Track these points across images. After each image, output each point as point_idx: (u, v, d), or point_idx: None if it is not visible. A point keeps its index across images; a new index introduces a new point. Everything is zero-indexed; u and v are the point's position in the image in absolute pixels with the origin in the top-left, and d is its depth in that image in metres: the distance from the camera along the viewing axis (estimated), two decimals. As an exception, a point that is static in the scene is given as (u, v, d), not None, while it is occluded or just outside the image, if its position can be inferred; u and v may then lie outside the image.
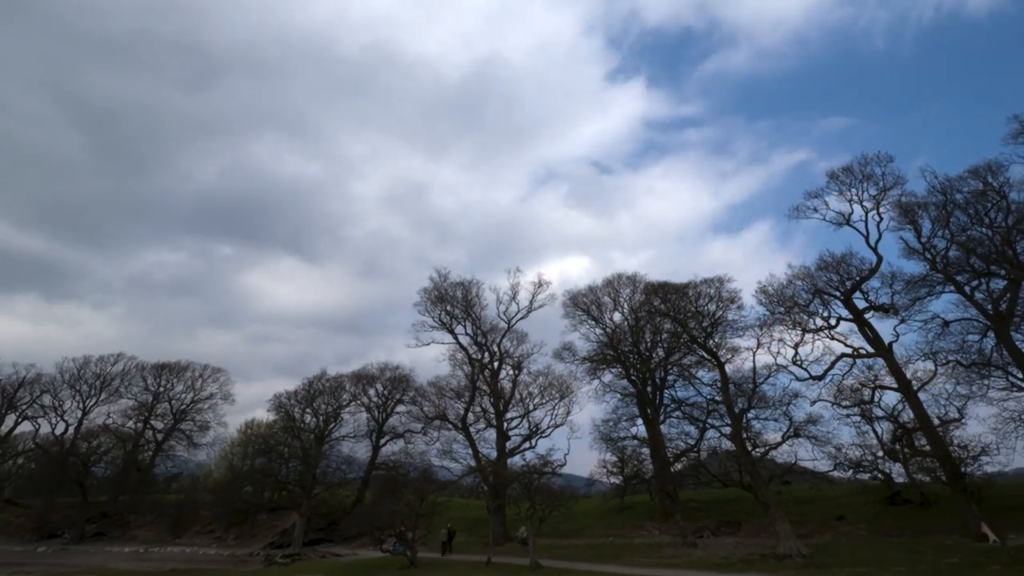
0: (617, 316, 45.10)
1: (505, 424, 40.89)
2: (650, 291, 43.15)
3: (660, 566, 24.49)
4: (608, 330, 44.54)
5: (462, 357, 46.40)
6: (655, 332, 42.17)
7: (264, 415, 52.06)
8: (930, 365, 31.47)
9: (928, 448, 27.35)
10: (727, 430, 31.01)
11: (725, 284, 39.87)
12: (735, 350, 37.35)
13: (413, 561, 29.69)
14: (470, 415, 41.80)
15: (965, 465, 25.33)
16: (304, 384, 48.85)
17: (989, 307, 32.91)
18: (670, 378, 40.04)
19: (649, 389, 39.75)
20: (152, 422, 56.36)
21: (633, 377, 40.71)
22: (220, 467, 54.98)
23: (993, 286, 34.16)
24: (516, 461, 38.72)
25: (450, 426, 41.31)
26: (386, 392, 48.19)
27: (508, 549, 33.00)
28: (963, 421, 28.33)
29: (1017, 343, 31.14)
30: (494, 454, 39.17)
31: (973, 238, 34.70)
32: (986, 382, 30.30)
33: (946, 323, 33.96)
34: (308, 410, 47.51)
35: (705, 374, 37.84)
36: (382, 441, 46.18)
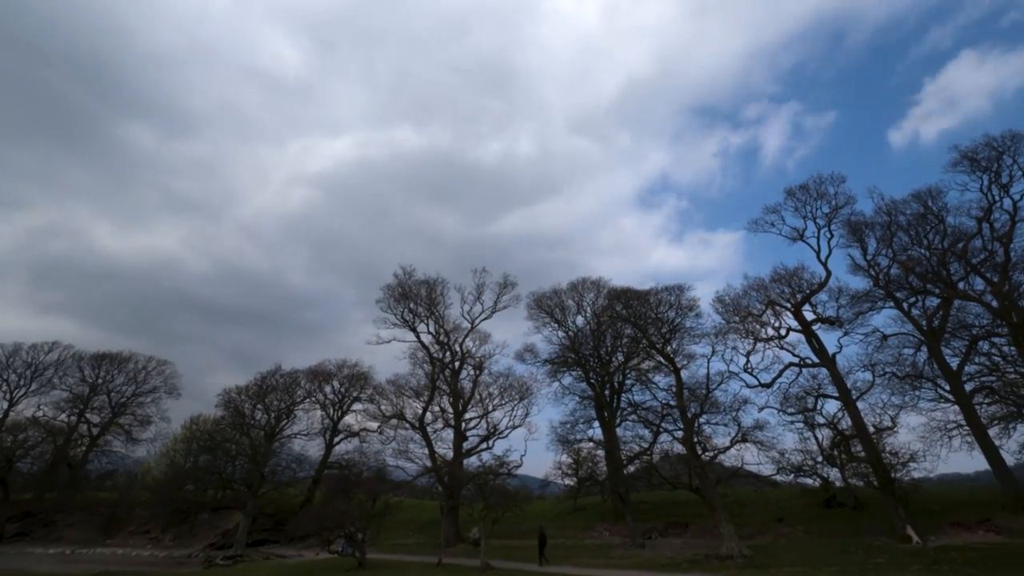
0: (580, 320, 45.58)
1: (463, 424, 40.51)
2: (613, 296, 43.83)
3: (609, 567, 24.74)
4: (571, 333, 44.93)
5: (423, 356, 45.81)
6: (616, 337, 42.76)
7: (212, 411, 49.55)
8: (869, 376, 33.31)
9: (863, 454, 28.80)
10: (680, 434, 31.77)
11: (685, 292, 40.86)
12: (691, 356, 38.37)
13: (361, 563, 28.91)
14: (428, 414, 41.20)
15: (895, 471, 26.83)
16: (256, 379, 46.99)
17: (924, 323, 35.12)
18: (628, 382, 40.65)
19: (607, 392, 40.24)
20: (88, 415, 52.74)
21: (592, 380, 41.14)
22: (160, 464, 51.95)
23: (928, 304, 36.51)
24: (472, 462, 38.42)
25: (407, 425, 40.54)
26: (343, 389, 46.90)
27: (460, 550, 32.58)
28: (895, 429, 30.05)
29: (947, 358, 33.40)
30: (451, 454, 38.68)
31: (913, 258, 36.91)
32: (917, 393, 32.41)
33: (885, 337, 36.04)
34: (259, 406, 45.65)
35: (662, 379, 38.77)
36: (336, 439, 44.89)
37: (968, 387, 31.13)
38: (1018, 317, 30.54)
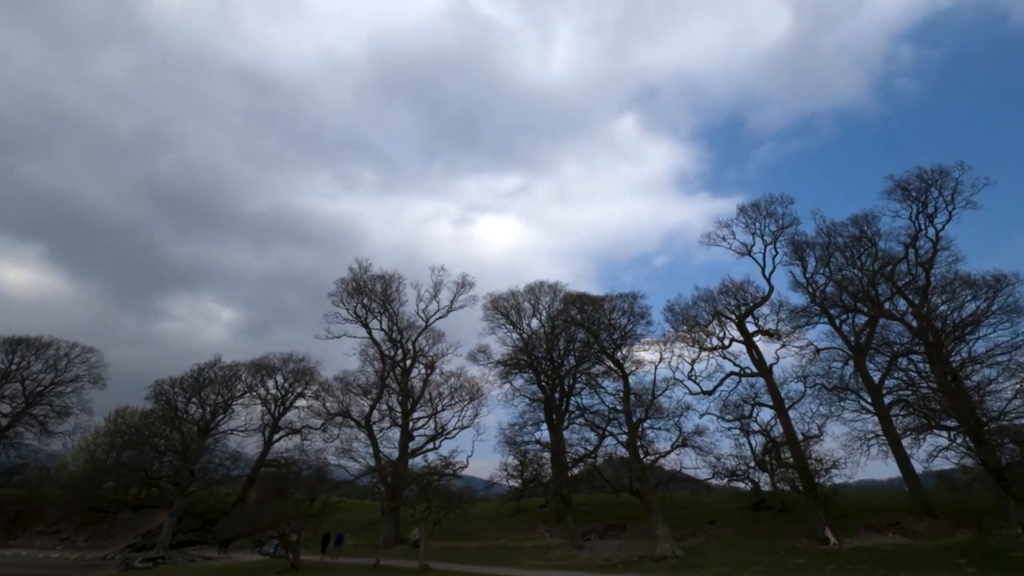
0: (535, 323, 45.81)
1: (411, 424, 39.78)
2: (569, 301, 44.31)
3: (547, 567, 24.84)
4: (525, 335, 45.08)
5: (374, 353, 44.72)
6: (569, 341, 43.24)
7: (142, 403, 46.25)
8: (801, 387, 35.11)
9: (791, 460, 30.31)
10: (624, 438, 32.41)
11: (638, 300, 41.87)
12: (639, 363, 39.36)
13: (294, 564, 27.78)
14: (375, 413, 40.21)
15: (818, 476, 28.38)
16: (193, 371, 44.38)
17: (852, 339, 37.45)
18: (577, 386, 41.17)
19: (557, 395, 40.60)
20: (-3, 404, 48.17)
21: (543, 383, 41.41)
22: (78, 459, 47.97)
23: (857, 321, 38.88)
24: (418, 462, 37.77)
25: (353, 423, 39.40)
26: (287, 385, 45.03)
27: (399, 551, 31.91)
28: (821, 437, 31.83)
29: (870, 372, 35.76)
30: (396, 454, 37.85)
31: (847, 277, 39.25)
32: (843, 404, 34.47)
33: (818, 350, 38.13)
34: (194, 400, 43.12)
35: (610, 384, 39.42)
36: (276, 436, 42.96)
37: (887, 400, 33.41)
38: (933, 337, 33.07)
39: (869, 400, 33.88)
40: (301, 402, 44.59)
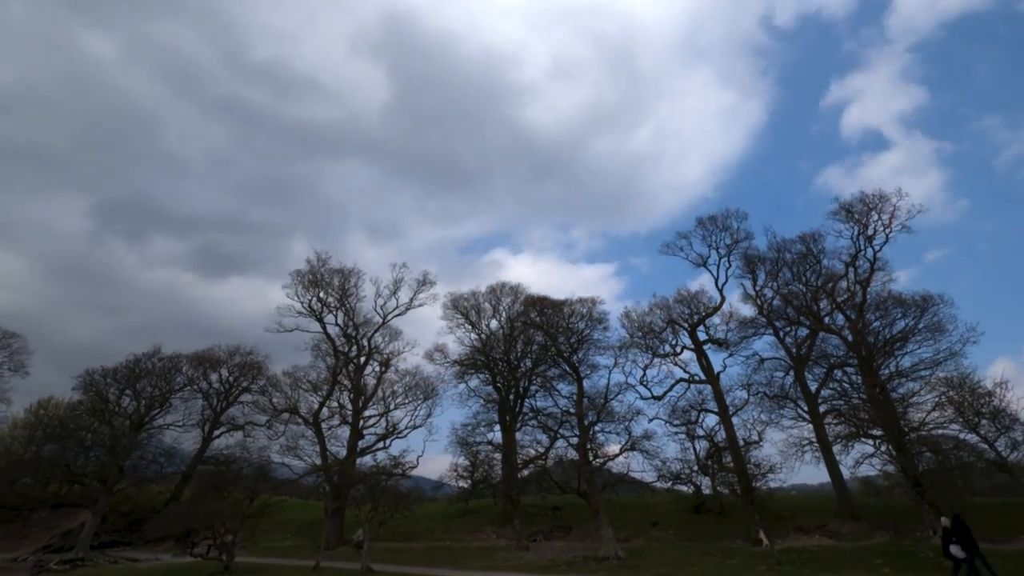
0: (494, 323, 45.73)
1: (361, 422, 38.83)
2: (529, 303, 44.44)
3: (491, 569, 24.75)
4: (483, 336, 44.93)
5: (327, 348, 43.49)
6: (527, 343, 43.36)
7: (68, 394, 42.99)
8: (745, 394, 36.66)
9: (732, 465, 31.52)
10: (575, 440, 32.83)
11: (596, 305, 42.46)
12: (594, 367, 39.96)
13: (228, 566, 26.50)
14: (325, 410, 39.07)
15: (756, 480, 29.61)
16: (129, 361, 41.70)
17: (794, 350, 39.37)
18: (532, 388, 41.32)
19: (512, 397, 40.64)
20: (-100, 392, 43.70)
21: (499, 384, 41.36)
22: (-8, 453, 44.23)
23: (799, 333, 40.88)
24: (366, 461, 36.90)
25: (300, 420, 38.11)
26: (231, 378, 43.01)
27: (342, 553, 31.04)
28: (761, 443, 33.25)
29: (808, 382, 37.66)
30: (344, 453, 36.84)
31: (792, 292, 41.12)
32: (782, 412, 36.18)
33: (762, 360, 39.91)
34: (128, 391, 40.51)
35: (565, 387, 39.86)
36: (216, 432, 40.93)
37: (822, 409, 35.27)
38: (866, 351, 35.17)
39: (806, 409, 35.68)
40: (246, 397, 42.71)
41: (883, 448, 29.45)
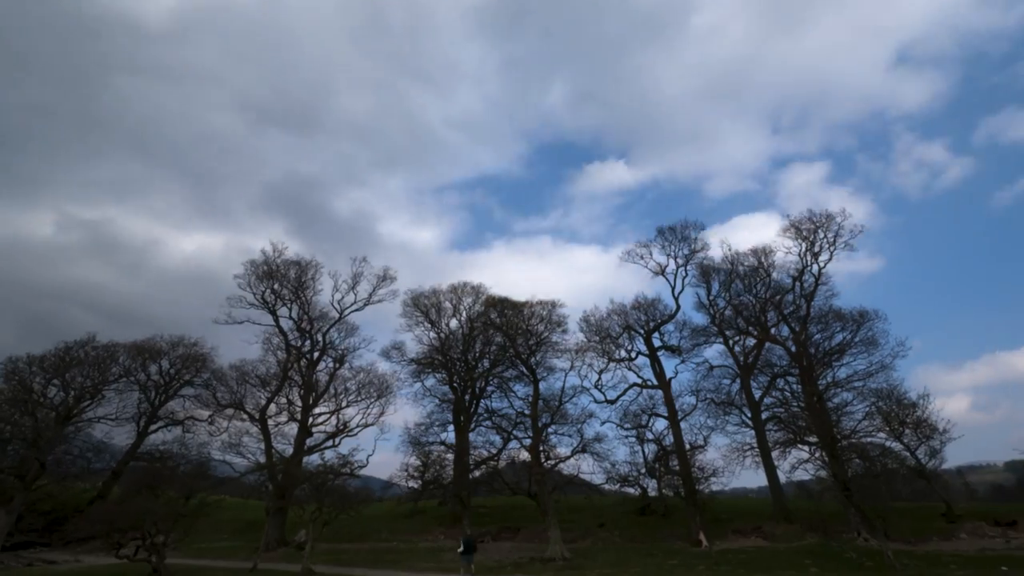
0: (454, 323, 45.43)
1: (311, 419, 37.67)
2: (490, 304, 44.40)
3: (437, 570, 24.53)
4: (442, 335, 44.55)
5: (279, 342, 42.00)
6: (486, 343, 43.29)
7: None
8: (693, 400, 37.83)
9: (678, 468, 32.46)
10: (528, 442, 32.96)
11: (556, 308, 42.83)
12: (551, 369, 40.33)
13: (157, 568, 25.08)
14: (273, 406, 37.71)
15: (699, 484, 30.61)
16: (59, 349, 38.88)
17: (741, 359, 40.98)
18: (489, 388, 41.35)
19: (467, 397, 40.47)
20: None
21: (455, 384, 41.10)
22: None
23: (747, 343, 42.58)
24: (314, 460, 35.77)
25: (245, 416, 36.59)
26: (173, 371, 40.75)
27: (282, 554, 29.99)
28: (706, 448, 34.40)
29: (753, 390, 39.27)
30: (290, 450, 35.62)
31: (743, 303, 42.75)
32: (727, 418, 37.60)
33: (711, 367, 41.28)
34: (56, 381, 37.76)
35: (521, 388, 40.03)
36: (153, 427, 38.69)
37: (764, 416, 36.88)
38: (807, 362, 37.02)
39: (749, 415, 37.19)
40: (188, 391, 40.58)
41: (817, 454, 31.07)
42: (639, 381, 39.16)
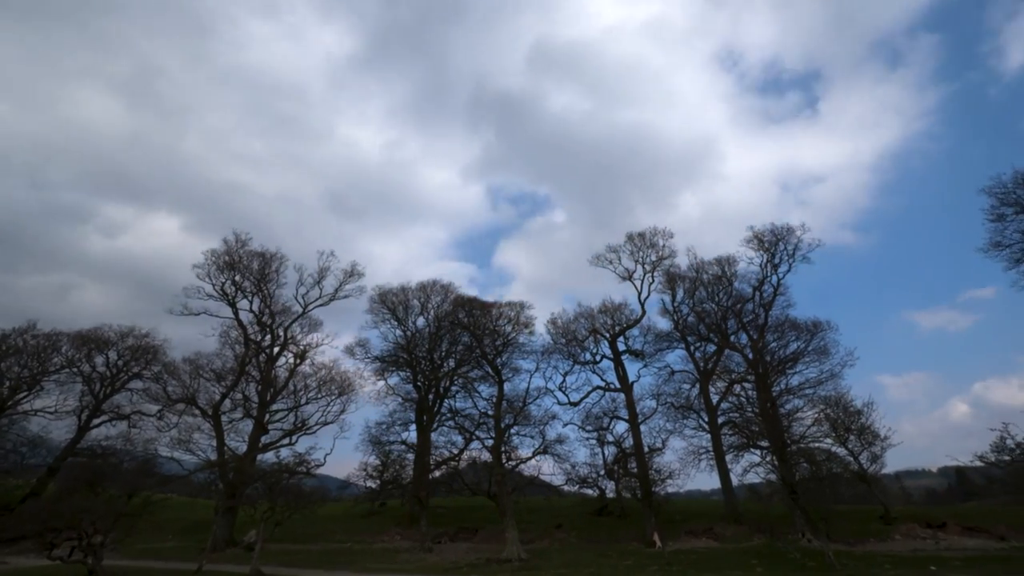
0: (421, 321, 44.98)
1: (268, 416, 36.56)
2: (459, 303, 44.12)
3: (392, 571, 24.12)
4: (409, 333, 44.03)
5: (237, 335, 40.64)
6: (452, 343, 43.02)
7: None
8: (654, 403, 38.57)
9: (636, 470, 33.06)
10: (490, 442, 32.92)
11: (525, 310, 42.93)
12: (517, 370, 40.44)
13: (93, 570, 23.77)
14: (227, 402, 36.37)
15: (655, 486, 31.24)
16: (-5, 336, 36.40)
17: (702, 365, 42.11)
18: (453, 388, 41.04)
19: (431, 397, 40.11)
20: None
21: (419, 383, 40.67)
22: None
23: (708, 349, 43.77)
24: (268, 458, 34.69)
25: (197, 412, 35.16)
26: (121, 362, 38.77)
27: (230, 555, 28.97)
28: (664, 451, 35.12)
29: (711, 395, 40.40)
30: (244, 448, 34.46)
31: (705, 310, 43.92)
32: (685, 422, 38.53)
33: (672, 372, 42.23)
34: (-10, 371, 35.37)
35: (486, 389, 39.95)
36: (96, 421, 36.64)
37: (720, 420, 37.95)
38: (763, 369, 38.32)
39: (706, 420, 38.23)
40: (136, 384, 38.65)
41: (768, 458, 32.17)
42: (602, 384, 39.72)
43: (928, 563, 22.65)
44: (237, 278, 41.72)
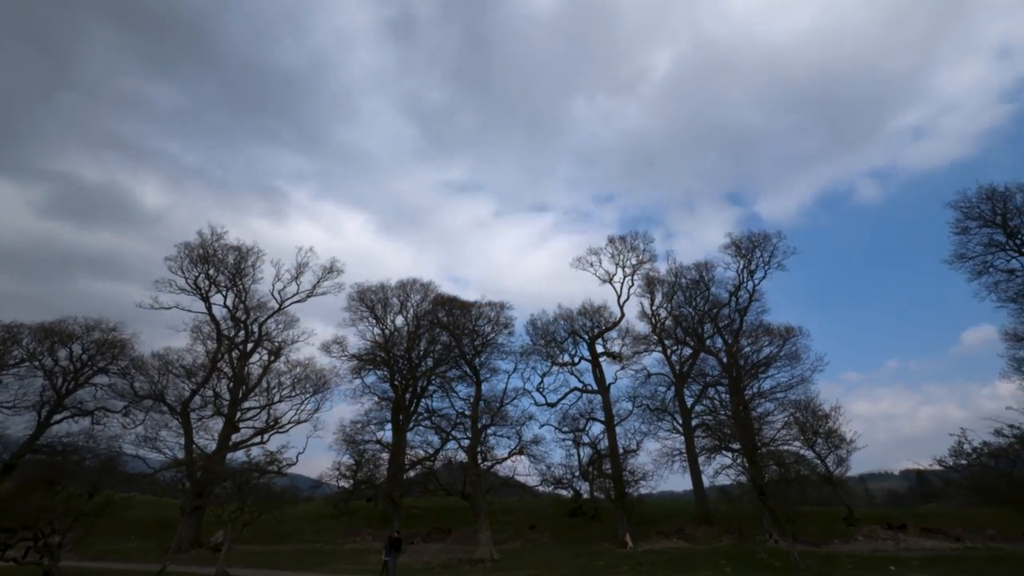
0: (400, 320, 44.63)
1: (239, 414, 35.80)
2: (439, 302, 43.87)
3: (362, 572, 23.86)
4: (387, 331, 43.63)
5: (210, 331, 39.70)
6: (431, 342, 42.77)
7: None
8: (630, 405, 39.00)
9: (610, 471, 33.38)
10: (467, 442, 32.86)
11: (505, 310, 42.92)
12: (495, 371, 40.39)
13: (49, 571, 22.94)
14: (197, 399, 35.47)
15: (629, 487, 31.60)
16: (-51, 328, 34.75)
17: (678, 368, 42.74)
18: (431, 388, 40.82)
19: (408, 396, 39.80)
20: None
21: (396, 382, 40.32)
22: None
23: (684, 352, 44.44)
24: (239, 456, 33.98)
25: (165, 409, 34.23)
26: (85, 356, 37.44)
27: (195, 556, 28.27)
28: (638, 452, 35.56)
29: (686, 398, 41.00)
30: (213, 446, 33.65)
31: (683, 314, 44.63)
32: (660, 424, 39.06)
33: (649, 375, 42.71)
34: (-57, 364, 33.76)
35: (463, 389, 39.83)
36: (57, 417, 35.31)
37: (694, 423, 38.57)
38: (736, 373, 39.12)
39: (680, 422, 38.81)
40: (101, 379, 37.33)
41: (739, 460, 32.87)
42: (580, 386, 39.97)
43: (888, 563, 23.40)
44: (211, 272, 40.83)
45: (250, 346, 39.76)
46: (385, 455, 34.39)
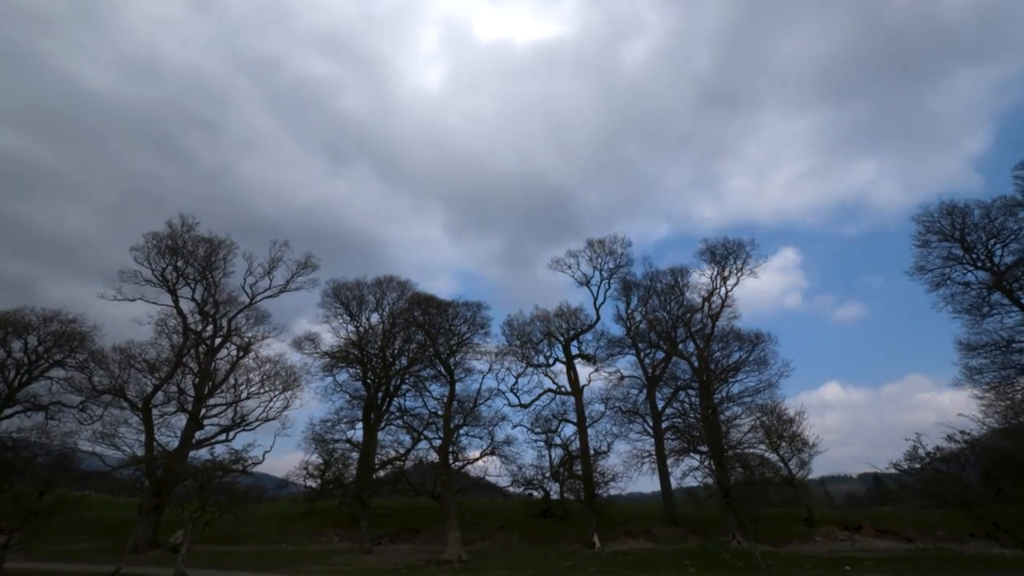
0: (375, 317, 44.13)
1: (204, 411, 34.79)
2: (415, 301, 43.53)
3: (327, 573, 23.44)
4: (361, 329, 43.09)
5: (175, 324, 38.46)
6: (406, 341, 42.38)
7: None
8: (602, 407, 39.43)
9: (580, 472, 33.65)
10: (438, 443, 32.63)
11: (482, 311, 42.84)
12: (469, 371, 40.27)
13: (-6, 574, 21.85)
14: (160, 395, 34.31)
15: (599, 488, 31.92)
16: None
17: (650, 371, 43.38)
18: (404, 387, 40.46)
19: (380, 395, 39.36)
20: None
21: (369, 380, 39.82)
22: None
23: (657, 356, 45.15)
24: (202, 454, 32.96)
25: (126, 404, 33.02)
26: (41, 348, 35.85)
27: (152, 557, 27.36)
28: (608, 454, 35.96)
29: (657, 401, 41.66)
30: (176, 443, 32.63)
31: (657, 318, 45.28)
32: (631, 426, 39.62)
33: (622, 377, 43.17)
34: None
35: (437, 388, 39.62)
36: (8, 411, 33.59)
37: (664, 425, 39.21)
38: (707, 377, 39.90)
39: (651, 424, 39.42)
40: (58, 372, 35.78)
41: (706, 463, 33.58)
42: (554, 387, 40.18)
43: (843, 563, 24.21)
44: (180, 263, 39.59)
45: (218, 341, 38.67)
46: (355, 454, 33.89)
